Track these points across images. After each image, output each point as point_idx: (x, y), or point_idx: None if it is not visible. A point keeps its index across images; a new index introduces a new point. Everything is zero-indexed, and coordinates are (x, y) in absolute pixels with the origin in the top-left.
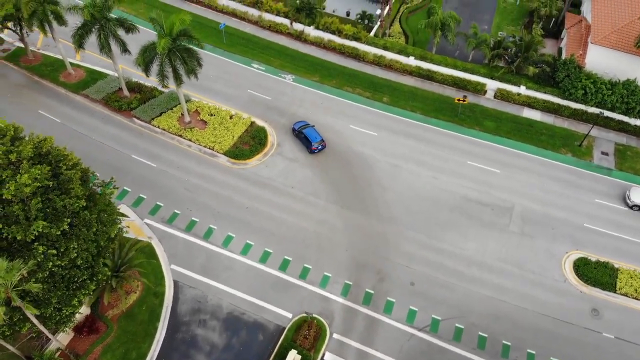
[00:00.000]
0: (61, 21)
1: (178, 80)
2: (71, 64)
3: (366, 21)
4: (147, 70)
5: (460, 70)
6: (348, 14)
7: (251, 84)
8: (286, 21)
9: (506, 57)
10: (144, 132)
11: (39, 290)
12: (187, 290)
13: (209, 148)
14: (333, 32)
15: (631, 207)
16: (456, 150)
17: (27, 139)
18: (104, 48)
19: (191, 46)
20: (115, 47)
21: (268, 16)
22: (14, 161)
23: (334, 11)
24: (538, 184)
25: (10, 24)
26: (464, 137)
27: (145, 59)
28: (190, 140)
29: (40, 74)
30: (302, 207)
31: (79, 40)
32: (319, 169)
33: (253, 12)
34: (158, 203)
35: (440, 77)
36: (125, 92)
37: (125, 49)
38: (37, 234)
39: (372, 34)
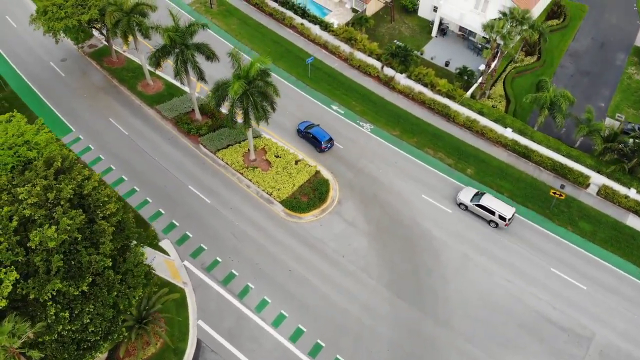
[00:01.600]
0: (145, 34)
1: (247, 123)
2: (151, 73)
3: (465, 77)
4: (218, 107)
5: (563, 155)
6: (447, 64)
7: (326, 127)
8: (377, 64)
9: (621, 151)
10: (207, 162)
11: (39, 358)
12: (208, 354)
13: (267, 193)
14: (425, 85)
15: None
16: (540, 251)
17: (74, 171)
18: (179, 74)
19: (268, 89)
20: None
21: (359, 55)
22: (51, 200)
23: (432, 58)
24: (629, 314)
25: (98, 25)
26: (552, 236)
27: (217, 97)
28: (250, 180)
29: (120, 78)
30: (350, 283)
31: (156, 62)
32: (377, 240)
33: (345, 48)
34: (202, 245)
35: (538, 157)
36: (197, 116)
37: (201, 77)
38: (52, 295)
39: (468, 93)
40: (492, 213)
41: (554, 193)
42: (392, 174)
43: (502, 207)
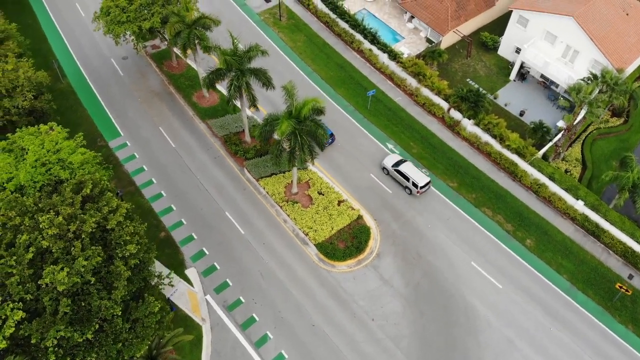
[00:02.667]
0: (205, 49)
1: (291, 162)
2: None
3: (540, 134)
4: (265, 141)
5: (638, 242)
6: (522, 114)
7: (377, 168)
8: (444, 104)
9: None
10: (248, 189)
11: None
12: None
13: (304, 232)
14: (494, 136)
15: None
16: (597, 351)
17: (102, 200)
18: (231, 100)
19: (317, 132)
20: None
21: (426, 92)
22: (74, 231)
23: (505, 105)
24: None
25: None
26: (609, 334)
27: (263, 134)
28: (288, 215)
29: (177, 85)
30: (375, 352)
31: (209, 84)
32: (413, 306)
33: (411, 82)
34: (228, 280)
35: (608, 239)
36: (247, 137)
37: (254, 104)
38: (54, 342)
39: (541, 152)
40: (407, 179)
41: (620, 287)
42: (442, 232)
43: (417, 175)
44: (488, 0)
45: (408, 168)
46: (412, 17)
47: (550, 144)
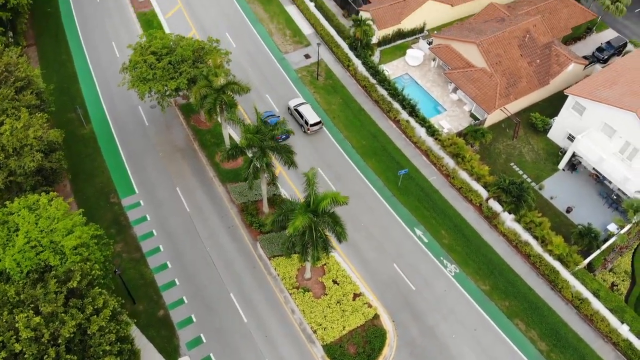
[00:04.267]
0: (231, 116)
1: (304, 257)
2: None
3: (587, 240)
4: (280, 230)
5: None
6: (569, 210)
7: (402, 257)
8: (483, 192)
9: None
10: (258, 267)
11: None
12: None
13: (312, 329)
14: (535, 237)
15: None
16: None
17: (89, 296)
18: (249, 179)
19: (336, 228)
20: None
21: (464, 175)
22: (51, 332)
23: (551, 198)
24: None
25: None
26: None
27: (277, 224)
28: (297, 305)
29: (202, 142)
30: None
31: (228, 159)
32: None
33: (448, 162)
34: None
35: None
36: (265, 208)
37: (272, 182)
38: None
39: (586, 262)
40: (302, 117)
41: None
42: (467, 345)
43: (310, 115)
44: (541, 78)
45: (305, 109)
46: (457, 88)
47: (597, 252)
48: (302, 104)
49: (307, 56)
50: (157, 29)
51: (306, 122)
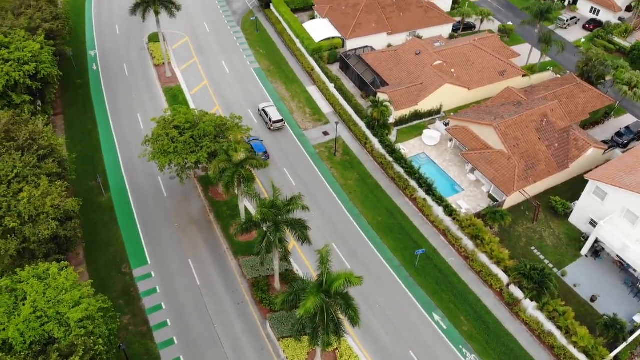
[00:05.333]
0: (248, 190)
1: (314, 341)
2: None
3: (614, 333)
4: (290, 310)
5: None
6: (593, 299)
7: (419, 344)
8: (503, 277)
9: None
10: (266, 349)
11: None
12: None
13: None
14: (559, 327)
15: None
16: None
17: None
18: (261, 254)
19: (349, 312)
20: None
21: (483, 258)
22: None
23: (574, 285)
24: None
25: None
26: None
27: (287, 304)
28: None
29: (218, 214)
30: None
31: (242, 232)
32: None
33: (467, 244)
34: None
35: None
36: (276, 284)
37: (285, 257)
38: None
39: (613, 355)
40: (267, 115)
41: None
42: None
43: (274, 113)
44: (560, 162)
45: (270, 109)
46: (475, 169)
47: (624, 344)
48: (269, 106)
49: (325, 133)
50: (182, 104)
51: (270, 120)
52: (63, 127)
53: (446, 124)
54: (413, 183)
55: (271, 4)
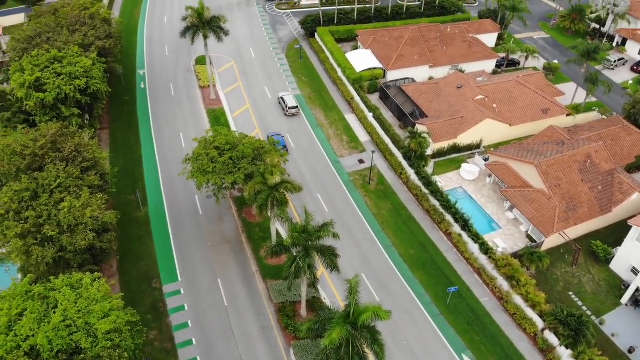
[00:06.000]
0: (281, 214)
1: None
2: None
3: None
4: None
5: None
6: (631, 351)
7: None
8: (538, 321)
9: None
10: None
11: None
12: None
13: None
14: None
15: None
16: None
17: None
18: (290, 278)
19: (374, 347)
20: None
21: (518, 300)
22: None
23: (612, 335)
24: None
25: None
26: None
27: (312, 332)
28: None
29: (250, 235)
30: None
31: (272, 255)
32: None
33: (502, 284)
34: None
35: None
36: (303, 311)
37: (313, 284)
38: None
39: None
40: (284, 102)
41: None
42: None
43: (290, 100)
44: (603, 205)
45: (287, 97)
46: (513, 207)
47: None
48: (287, 95)
49: (361, 161)
50: (223, 126)
51: (286, 106)
52: (108, 141)
53: (485, 159)
54: (449, 217)
55: (316, 34)
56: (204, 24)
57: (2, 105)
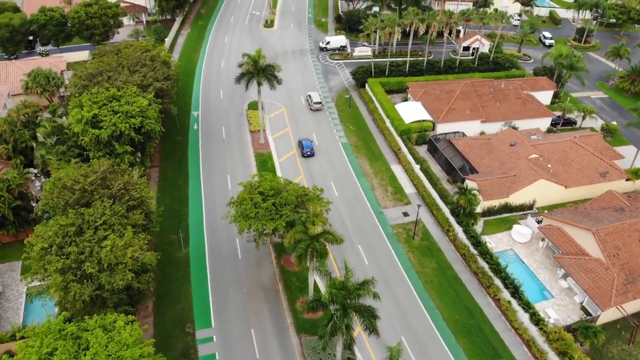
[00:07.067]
0: (320, 265)
1: None
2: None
3: None
4: None
5: None
6: None
7: None
8: None
9: None
10: None
11: None
12: None
13: None
14: None
15: None
16: None
17: None
18: (325, 337)
19: None
20: None
21: None
22: None
23: None
24: None
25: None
26: None
27: None
28: None
29: (287, 284)
30: None
31: (308, 310)
32: None
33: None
34: None
35: None
36: None
37: (349, 346)
38: None
39: None
40: (311, 98)
41: None
42: None
43: (315, 97)
44: None
45: (313, 94)
46: (568, 275)
47: None
48: (314, 92)
49: (405, 214)
50: (270, 171)
51: (312, 101)
52: (157, 179)
53: (539, 221)
54: (498, 282)
55: (366, 84)
56: (258, 72)
57: (59, 138)
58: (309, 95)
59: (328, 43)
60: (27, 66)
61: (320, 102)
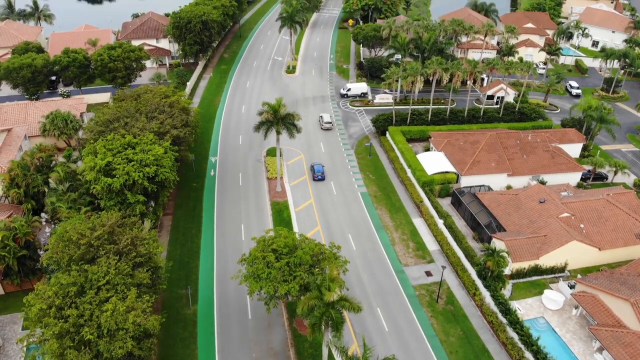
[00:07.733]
0: (338, 335)
1: None
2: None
3: None
4: None
5: None
6: None
7: None
8: None
9: None
10: None
11: None
12: None
13: None
14: None
15: None
16: None
17: None
18: None
19: None
20: None
21: None
22: None
23: None
24: None
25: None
26: None
27: None
28: None
29: (299, 350)
30: None
31: None
32: None
33: None
34: None
35: None
36: None
37: None
38: None
39: None
40: (322, 118)
41: None
42: None
43: (326, 117)
44: None
45: (325, 115)
46: (604, 348)
47: None
48: (325, 113)
49: (428, 273)
50: (285, 220)
51: (323, 121)
52: (169, 228)
53: (571, 286)
54: (529, 355)
55: (387, 132)
56: (277, 120)
57: (72, 185)
58: (321, 116)
59: (349, 90)
60: (47, 107)
61: (330, 122)
